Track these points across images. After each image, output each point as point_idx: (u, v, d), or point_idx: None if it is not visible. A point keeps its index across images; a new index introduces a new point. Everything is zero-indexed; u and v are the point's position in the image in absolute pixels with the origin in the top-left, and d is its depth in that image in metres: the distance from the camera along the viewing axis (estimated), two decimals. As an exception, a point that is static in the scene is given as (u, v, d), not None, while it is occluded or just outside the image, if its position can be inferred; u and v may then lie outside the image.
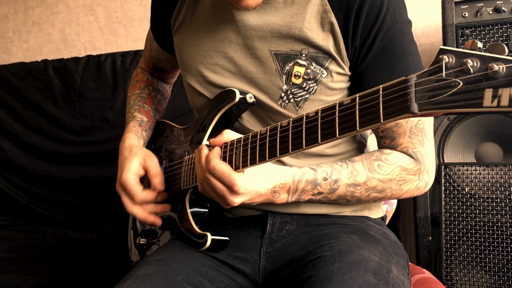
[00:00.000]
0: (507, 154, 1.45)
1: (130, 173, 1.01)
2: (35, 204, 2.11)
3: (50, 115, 2.16)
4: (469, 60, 0.52)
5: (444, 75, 0.55)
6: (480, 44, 0.55)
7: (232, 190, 0.80)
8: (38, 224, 2.06)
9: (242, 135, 0.83)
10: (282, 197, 0.87)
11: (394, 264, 0.86)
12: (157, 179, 1.02)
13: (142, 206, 1.02)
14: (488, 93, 0.51)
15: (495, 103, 0.51)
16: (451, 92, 0.54)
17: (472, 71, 0.52)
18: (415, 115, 0.57)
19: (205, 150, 0.85)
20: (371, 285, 0.77)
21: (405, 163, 0.90)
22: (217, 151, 0.84)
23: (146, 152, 1.06)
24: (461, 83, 0.53)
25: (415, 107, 0.57)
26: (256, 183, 0.82)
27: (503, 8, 1.41)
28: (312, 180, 0.87)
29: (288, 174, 0.86)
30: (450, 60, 0.54)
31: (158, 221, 1.02)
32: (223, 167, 0.80)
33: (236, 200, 0.82)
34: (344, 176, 0.88)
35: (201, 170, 0.85)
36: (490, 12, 1.42)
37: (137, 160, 1.02)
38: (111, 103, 2.09)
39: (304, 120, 0.71)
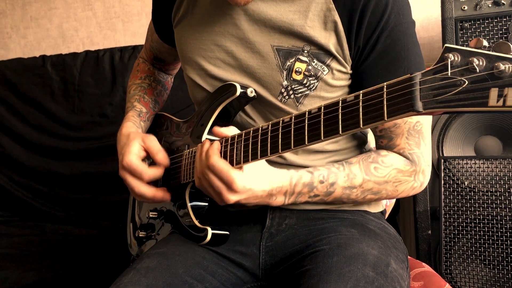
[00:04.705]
0: (507, 148, 1.45)
1: (132, 154, 0.99)
2: (34, 200, 2.11)
3: (49, 111, 2.15)
4: (474, 59, 0.52)
5: (449, 74, 0.54)
6: (485, 43, 0.55)
7: (230, 187, 0.81)
8: (38, 220, 2.06)
9: (243, 131, 0.83)
10: (279, 200, 0.87)
11: (393, 258, 0.87)
12: (161, 154, 1.01)
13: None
14: (494, 92, 0.50)
15: (500, 103, 0.50)
16: (456, 91, 0.53)
17: (478, 70, 0.52)
18: (419, 113, 0.57)
19: (206, 146, 0.86)
20: (369, 278, 0.77)
21: (401, 165, 0.90)
22: (216, 146, 0.84)
23: (144, 134, 1.06)
24: (467, 82, 0.52)
25: (419, 105, 0.56)
26: (254, 183, 0.82)
27: (502, 1, 1.40)
28: (309, 183, 0.87)
29: (285, 177, 0.86)
30: (456, 58, 0.54)
31: (167, 195, 1.01)
32: (222, 164, 0.81)
33: (232, 198, 0.82)
34: (340, 179, 0.88)
35: (200, 165, 0.86)
36: (490, 5, 1.41)
37: (136, 143, 1.01)
38: (110, 98, 2.09)
39: (306, 116, 0.71)
